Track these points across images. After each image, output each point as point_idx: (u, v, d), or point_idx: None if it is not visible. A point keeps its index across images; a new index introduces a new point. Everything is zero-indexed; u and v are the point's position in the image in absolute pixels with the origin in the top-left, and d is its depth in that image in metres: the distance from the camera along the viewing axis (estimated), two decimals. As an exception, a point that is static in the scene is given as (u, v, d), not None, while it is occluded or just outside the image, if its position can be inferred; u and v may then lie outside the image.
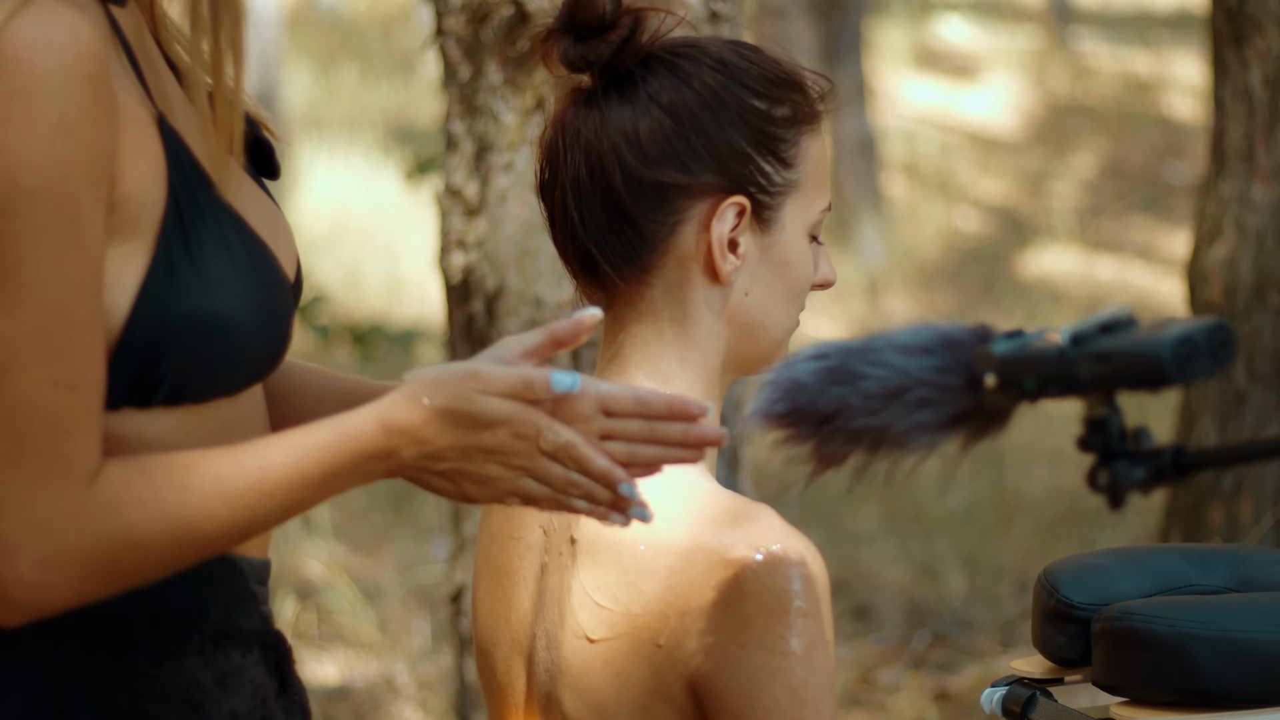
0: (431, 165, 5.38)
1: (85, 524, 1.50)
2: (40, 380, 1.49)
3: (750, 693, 1.69)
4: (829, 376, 1.57)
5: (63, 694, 1.57)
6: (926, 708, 5.00)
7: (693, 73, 1.81)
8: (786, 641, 1.69)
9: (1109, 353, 1.43)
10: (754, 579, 1.69)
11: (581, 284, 1.85)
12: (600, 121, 1.80)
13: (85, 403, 1.51)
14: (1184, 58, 14.48)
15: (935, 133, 13.17)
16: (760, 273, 1.83)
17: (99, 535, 1.51)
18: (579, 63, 1.82)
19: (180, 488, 1.53)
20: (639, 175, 1.79)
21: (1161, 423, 5.44)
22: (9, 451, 1.49)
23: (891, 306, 9.86)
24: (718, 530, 1.71)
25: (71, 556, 1.50)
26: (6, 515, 1.49)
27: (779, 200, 1.83)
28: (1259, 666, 1.98)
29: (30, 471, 1.49)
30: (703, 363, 1.83)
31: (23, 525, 1.49)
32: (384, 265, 10.03)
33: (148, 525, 1.52)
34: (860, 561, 6.03)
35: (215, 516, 1.54)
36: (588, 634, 1.76)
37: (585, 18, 1.81)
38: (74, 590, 1.52)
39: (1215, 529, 4.61)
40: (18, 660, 1.58)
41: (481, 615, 1.93)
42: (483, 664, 1.94)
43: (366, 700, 5.12)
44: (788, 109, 1.83)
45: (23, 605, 1.51)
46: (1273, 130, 4.62)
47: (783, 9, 10.29)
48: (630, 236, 1.80)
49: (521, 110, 3.14)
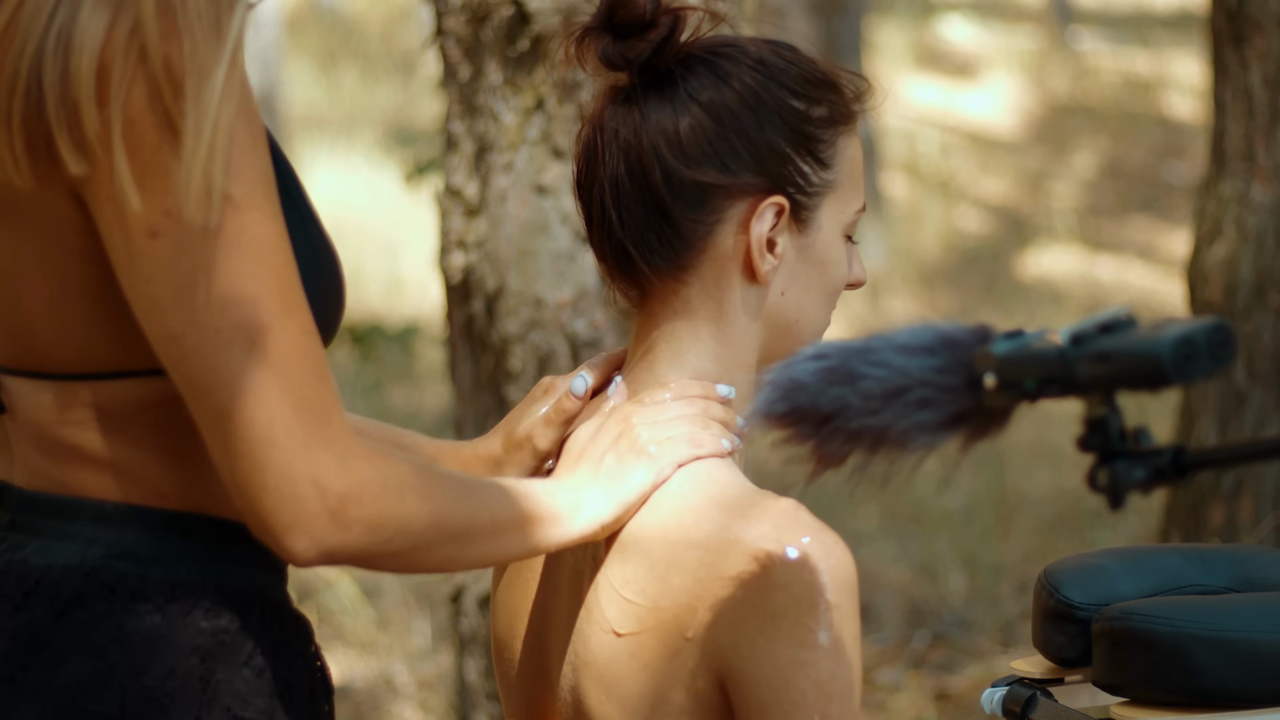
0: (430, 166, 5.38)
1: (373, 462, 1.58)
2: (296, 331, 1.56)
3: (778, 685, 1.69)
4: (829, 376, 1.57)
5: (133, 658, 1.60)
6: (926, 708, 5.00)
7: (732, 72, 1.81)
8: (815, 635, 1.69)
9: (1109, 353, 1.43)
10: (783, 572, 1.69)
11: (616, 282, 1.86)
12: (640, 120, 1.80)
13: (322, 349, 1.60)
14: (1184, 58, 14.48)
15: (935, 133, 13.17)
16: (797, 272, 1.84)
17: (385, 474, 1.59)
18: (618, 61, 1.81)
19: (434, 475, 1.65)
20: (679, 174, 1.79)
21: (1161, 423, 5.44)
22: (295, 401, 1.55)
23: (891, 307, 9.86)
24: (746, 524, 1.72)
25: (370, 492, 1.57)
26: (306, 457, 1.55)
27: (816, 200, 1.83)
28: (1259, 666, 1.98)
29: (316, 416, 1.56)
30: (737, 361, 1.84)
31: (324, 465, 1.55)
32: (384, 265, 10.03)
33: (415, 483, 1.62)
34: (860, 561, 6.01)
35: (468, 509, 1.66)
36: (615, 628, 1.76)
37: (625, 16, 1.81)
38: (365, 532, 1.58)
39: (1215, 529, 4.61)
40: (86, 623, 1.60)
41: (501, 607, 1.93)
42: (500, 656, 1.94)
43: (366, 700, 5.13)
44: (825, 109, 1.83)
45: (323, 543, 1.57)
46: (1273, 130, 4.62)
47: (783, 9, 10.29)
48: (669, 235, 1.81)
49: (521, 110, 3.13)
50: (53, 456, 1.64)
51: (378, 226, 10.61)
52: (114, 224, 1.53)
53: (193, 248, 1.52)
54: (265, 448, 1.54)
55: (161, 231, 1.52)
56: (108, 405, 1.62)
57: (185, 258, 1.52)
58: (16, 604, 1.63)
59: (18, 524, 1.66)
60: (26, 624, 1.62)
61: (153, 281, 1.53)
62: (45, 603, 1.62)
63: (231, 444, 1.55)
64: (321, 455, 1.55)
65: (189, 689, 1.60)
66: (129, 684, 1.59)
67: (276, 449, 1.54)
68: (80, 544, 1.63)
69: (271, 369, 1.54)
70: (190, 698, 1.60)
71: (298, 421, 1.55)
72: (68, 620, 1.61)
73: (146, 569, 1.62)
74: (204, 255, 1.52)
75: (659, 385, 1.83)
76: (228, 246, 1.53)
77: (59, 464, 1.64)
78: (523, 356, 3.17)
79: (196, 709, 1.60)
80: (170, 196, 1.51)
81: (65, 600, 1.61)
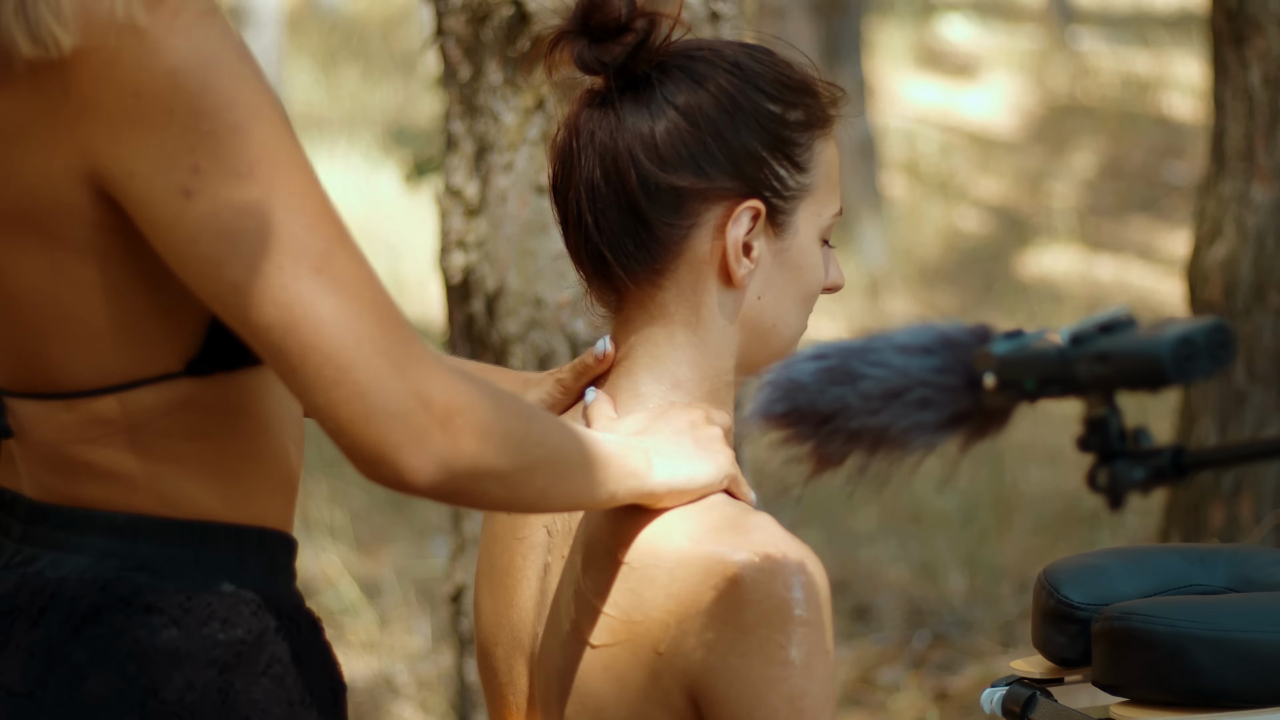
0: (430, 167, 5.38)
1: (462, 376, 1.56)
2: (355, 253, 1.54)
3: (749, 702, 1.68)
4: (828, 377, 1.56)
5: (151, 673, 1.59)
6: (926, 708, 5.00)
7: (708, 75, 1.80)
8: (786, 651, 1.68)
9: (1109, 353, 1.43)
10: (754, 588, 1.68)
11: (593, 286, 1.85)
12: (615, 124, 1.80)
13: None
14: (1184, 58, 14.48)
15: (935, 133, 13.17)
16: (773, 276, 1.83)
17: (479, 388, 1.57)
18: (593, 65, 1.81)
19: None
20: (655, 179, 1.79)
21: (1161, 423, 5.44)
22: (377, 319, 1.53)
23: (891, 306, 9.86)
24: (718, 538, 1.71)
25: (470, 401, 1.55)
26: (404, 372, 1.52)
27: (793, 204, 1.82)
28: (1259, 666, 1.98)
29: (401, 332, 1.54)
30: (713, 366, 1.83)
31: (423, 377, 1.53)
32: (384, 265, 10.02)
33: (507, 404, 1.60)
34: (860, 561, 6.03)
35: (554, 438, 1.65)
36: (589, 639, 1.76)
37: (600, 20, 1.80)
38: (476, 441, 1.56)
39: (1215, 529, 4.61)
40: (104, 638, 1.60)
41: (484, 614, 1.93)
42: (484, 663, 1.94)
43: (366, 700, 5.12)
44: (801, 113, 1.83)
45: (439, 456, 1.54)
46: (1273, 130, 4.62)
47: (783, 9, 10.28)
48: (644, 239, 1.80)
49: (521, 110, 3.13)
50: (64, 473, 1.63)
51: (378, 226, 10.61)
52: (143, 197, 1.52)
53: (230, 196, 1.51)
54: (361, 370, 1.51)
55: (194, 189, 1.51)
56: (127, 417, 1.61)
57: (227, 206, 1.51)
58: (33, 618, 1.62)
59: (30, 536, 1.65)
60: (44, 639, 1.61)
61: (200, 239, 1.51)
62: (62, 617, 1.60)
63: (325, 375, 1.51)
64: (418, 368, 1.53)
65: (208, 702, 1.59)
66: (148, 700, 1.58)
67: (373, 369, 1.51)
68: (94, 556, 1.62)
69: (345, 291, 1.52)
70: (209, 710, 1.59)
71: (387, 339, 1.52)
72: (85, 635, 1.60)
73: (161, 580, 1.61)
74: (245, 198, 1.51)
75: (638, 392, 1.82)
76: (265, 183, 1.51)
77: (70, 480, 1.63)
78: (523, 356, 3.17)
79: None
80: (193, 153, 1.50)
81: (82, 614, 1.60)
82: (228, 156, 1.51)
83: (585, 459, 1.66)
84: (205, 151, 1.51)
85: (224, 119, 1.51)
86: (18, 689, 1.60)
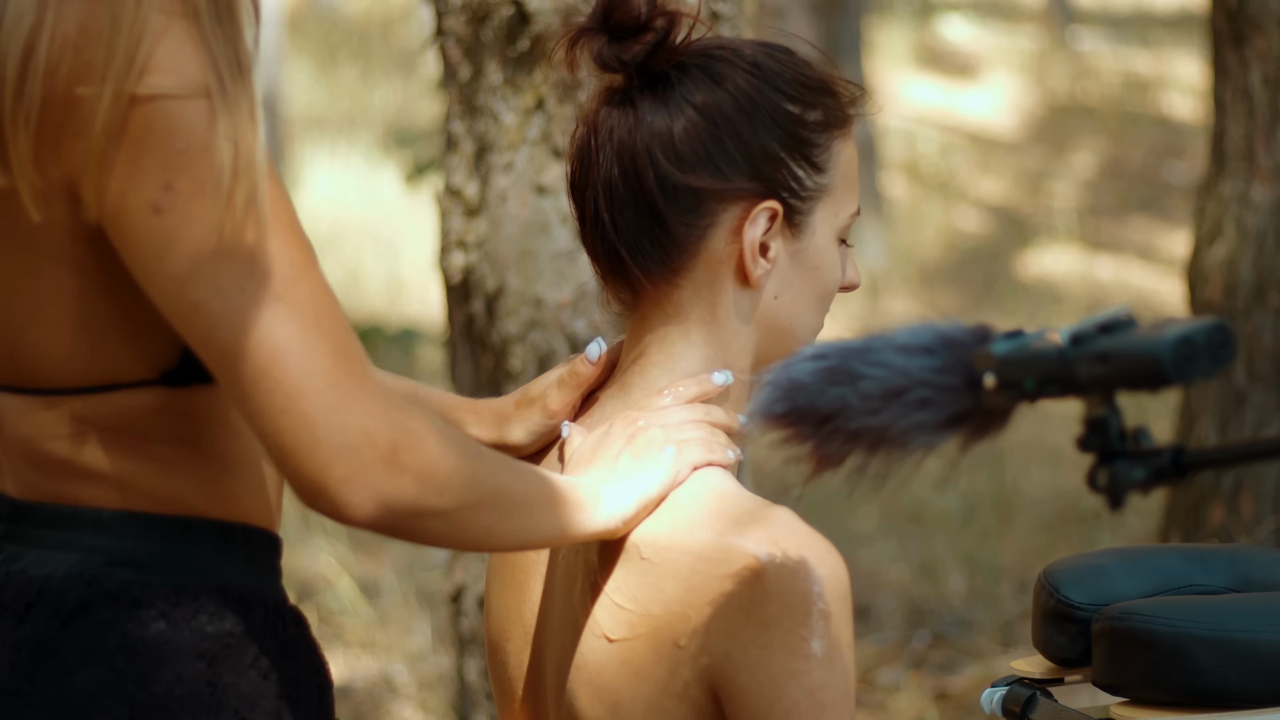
0: (429, 167, 5.38)
1: (410, 412, 1.56)
2: (318, 283, 1.54)
3: (770, 694, 1.68)
4: (828, 377, 1.56)
5: (139, 666, 1.59)
6: (926, 708, 5.00)
7: (726, 75, 1.80)
8: (808, 644, 1.68)
9: (1109, 353, 1.43)
10: (776, 581, 1.68)
11: (609, 283, 1.85)
12: (634, 122, 1.80)
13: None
14: (1184, 58, 14.48)
15: (935, 133, 13.17)
16: (790, 277, 1.83)
17: (426, 424, 1.57)
18: (613, 63, 1.81)
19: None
20: (672, 178, 1.79)
21: (1161, 423, 5.44)
22: (331, 351, 1.52)
23: (891, 306, 9.86)
24: (740, 532, 1.71)
25: (416, 438, 1.55)
26: (352, 406, 1.52)
27: (810, 205, 1.82)
28: (1259, 666, 1.98)
29: (353, 364, 1.54)
30: (729, 365, 1.83)
31: (370, 412, 1.53)
32: (384, 265, 10.02)
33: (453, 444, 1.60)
34: (860, 561, 6.03)
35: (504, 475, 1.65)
36: (606, 634, 1.76)
37: (620, 18, 1.80)
38: (418, 481, 1.56)
39: (1215, 529, 4.61)
40: (91, 632, 1.60)
41: (494, 610, 1.93)
42: (494, 658, 1.94)
43: (366, 700, 5.12)
44: (820, 113, 1.83)
45: (379, 492, 1.54)
46: (1273, 130, 4.62)
47: (783, 9, 10.28)
48: (661, 238, 1.80)
49: (521, 110, 3.13)
50: (45, 469, 1.63)
51: (378, 226, 10.61)
52: (116, 211, 1.52)
53: (201, 215, 1.50)
54: (310, 400, 1.51)
55: (164, 206, 1.50)
56: (99, 419, 1.61)
57: (195, 226, 1.50)
58: (19, 615, 1.62)
59: (13, 534, 1.65)
60: (31, 635, 1.61)
61: (166, 257, 1.51)
62: (49, 613, 1.61)
63: (274, 403, 1.51)
64: (366, 403, 1.53)
65: (197, 695, 1.60)
66: (137, 693, 1.58)
67: (322, 400, 1.51)
68: (80, 553, 1.62)
69: (303, 321, 1.52)
70: (198, 703, 1.59)
71: (339, 370, 1.52)
72: (72, 630, 1.60)
73: (148, 575, 1.61)
74: (213, 220, 1.50)
75: (653, 391, 1.82)
76: (237, 207, 1.51)
77: (52, 477, 1.63)
78: (523, 356, 3.17)
79: (205, 714, 1.60)
80: (167, 171, 1.50)
81: (69, 610, 1.60)
82: (201, 175, 1.51)
83: (531, 498, 1.67)
84: (179, 169, 1.51)
85: (199, 138, 1.51)
86: (6, 685, 1.60)
